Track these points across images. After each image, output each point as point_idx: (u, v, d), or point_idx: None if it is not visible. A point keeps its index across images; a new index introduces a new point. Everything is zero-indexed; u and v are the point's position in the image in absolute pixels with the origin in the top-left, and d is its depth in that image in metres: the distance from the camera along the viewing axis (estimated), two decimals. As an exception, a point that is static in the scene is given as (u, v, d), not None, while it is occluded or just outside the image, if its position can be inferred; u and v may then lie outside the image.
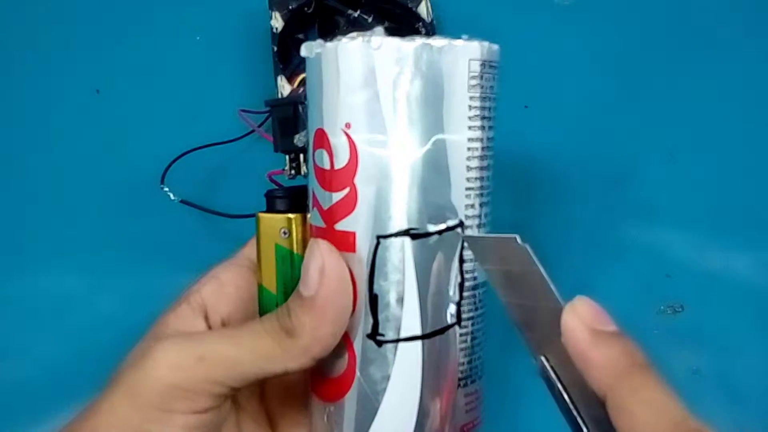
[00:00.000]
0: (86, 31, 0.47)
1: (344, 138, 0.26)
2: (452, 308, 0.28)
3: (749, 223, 0.44)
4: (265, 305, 0.31)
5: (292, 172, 0.33)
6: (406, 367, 0.27)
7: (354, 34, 0.26)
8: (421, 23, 0.46)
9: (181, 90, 0.46)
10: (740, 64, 0.46)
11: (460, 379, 0.29)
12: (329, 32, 0.45)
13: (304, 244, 0.30)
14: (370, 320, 0.27)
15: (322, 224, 0.28)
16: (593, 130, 0.45)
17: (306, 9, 0.45)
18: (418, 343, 0.27)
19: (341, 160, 0.27)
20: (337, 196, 0.27)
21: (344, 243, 0.27)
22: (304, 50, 0.28)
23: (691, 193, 0.44)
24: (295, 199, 0.31)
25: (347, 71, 0.26)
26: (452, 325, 0.28)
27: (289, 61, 0.44)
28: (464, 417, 0.29)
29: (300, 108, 0.31)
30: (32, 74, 0.46)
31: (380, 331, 0.27)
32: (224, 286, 0.31)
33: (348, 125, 0.26)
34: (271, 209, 0.31)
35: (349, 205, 0.27)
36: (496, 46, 0.27)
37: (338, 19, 0.46)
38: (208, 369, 0.27)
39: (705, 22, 0.47)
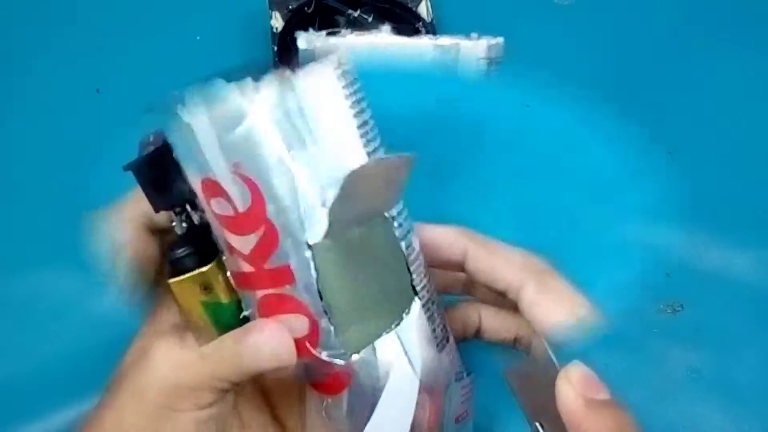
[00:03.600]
0: (87, 31, 0.47)
1: (238, 179, 0.25)
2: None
3: (749, 223, 0.44)
4: None
5: (184, 225, 0.29)
6: (392, 361, 0.27)
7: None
8: (421, 23, 0.46)
9: (182, 89, 0.46)
10: (740, 64, 0.46)
11: (442, 338, 0.29)
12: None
13: (229, 286, 0.28)
14: (332, 333, 0.26)
15: (249, 269, 0.26)
16: (594, 129, 0.46)
17: (306, 9, 0.45)
18: (393, 334, 0.27)
19: (244, 202, 0.25)
20: (254, 238, 0.25)
21: (281, 279, 0.26)
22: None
23: (691, 192, 0.44)
24: (200, 247, 0.28)
25: (211, 124, 0.24)
26: (412, 301, 0.27)
27: (289, 61, 0.44)
28: (459, 407, 0.29)
29: (166, 159, 0.27)
30: (32, 73, 0.46)
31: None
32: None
33: (237, 165, 0.24)
34: (179, 271, 0.28)
35: (271, 241, 0.25)
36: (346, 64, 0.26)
37: (338, 18, 0.46)
38: (211, 366, 0.26)
39: (705, 22, 0.47)
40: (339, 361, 0.26)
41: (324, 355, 0.26)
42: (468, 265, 0.30)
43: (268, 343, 0.26)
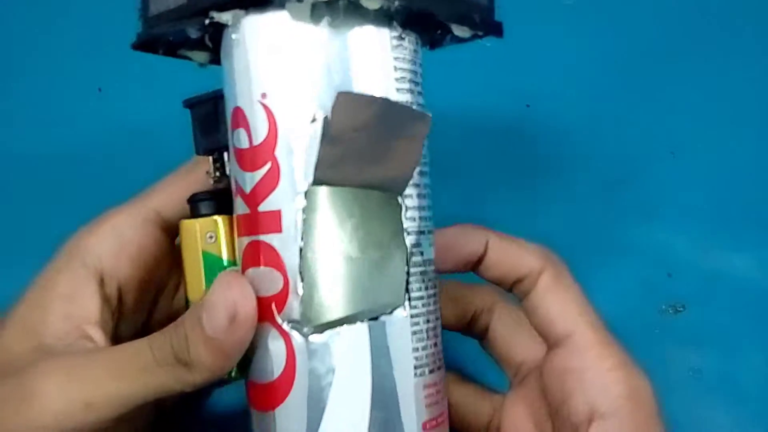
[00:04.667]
0: (88, 30, 0.47)
1: (261, 109, 0.25)
2: None
3: (751, 223, 0.43)
4: None
5: (217, 174, 0.29)
6: (352, 355, 0.25)
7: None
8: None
9: (183, 89, 0.46)
10: (743, 63, 0.46)
11: (415, 367, 0.26)
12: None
13: (232, 247, 0.28)
14: (300, 299, 0.24)
15: (246, 210, 0.26)
16: (595, 129, 0.45)
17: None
18: (364, 326, 0.25)
19: (260, 134, 0.25)
20: (258, 175, 0.25)
21: (269, 224, 0.25)
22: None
23: (693, 192, 0.44)
24: (220, 201, 0.29)
25: (256, 43, 0.25)
26: (402, 305, 0.25)
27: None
28: (425, 412, 0.26)
29: (218, 103, 0.28)
30: (34, 72, 0.46)
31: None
32: (126, 246, 0.29)
33: (264, 95, 0.25)
34: (195, 214, 0.29)
35: (271, 181, 0.25)
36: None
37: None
38: (97, 413, 0.25)
39: (707, 21, 0.47)
40: (298, 337, 0.25)
41: (285, 326, 0.25)
42: (489, 252, 0.30)
43: (228, 296, 0.24)
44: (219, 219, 0.28)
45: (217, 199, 0.29)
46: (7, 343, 0.28)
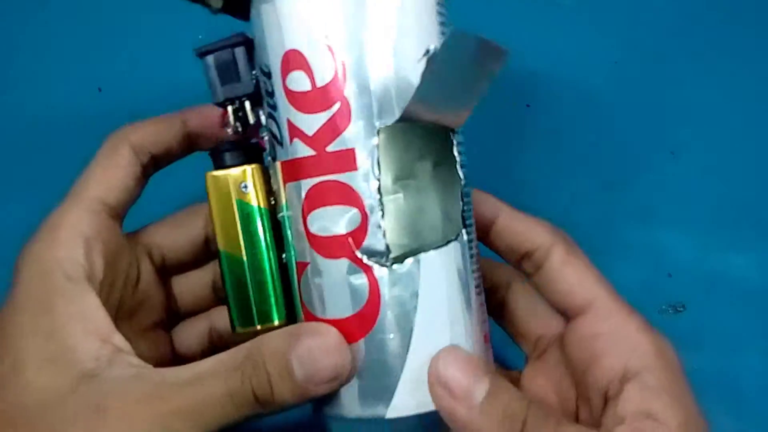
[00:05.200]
0: (88, 29, 0.47)
1: (326, 51, 0.25)
2: (458, 212, 0.27)
3: (751, 223, 0.43)
4: (232, 273, 0.29)
5: (238, 125, 0.29)
6: (433, 278, 0.26)
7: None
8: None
9: (184, 88, 0.46)
10: (742, 64, 0.46)
11: (476, 286, 0.28)
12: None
13: (266, 195, 0.28)
14: (382, 231, 0.25)
15: (309, 153, 0.26)
16: (595, 129, 0.45)
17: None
18: (439, 251, 0.26)
19: (325, 76, 0.25)
20: (325, 116, 0.25)
21: (341, 164, 0.25)
22: None
23: (693, 192, 0.44)
24: (247, 149, 0.29)
25: None
26: (461, 231, 0.27)
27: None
28: (485, 326, 0.29)
29: (236, 51, 0.28)
30: (34, 72, 0.46)
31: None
32: (93, 245, 0.28)
33: (328, 37, 0.25)
34: (221, 165, 0.29)
35: (342, 120, 0.25)
36: None
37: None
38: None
39: (707, 22, 0.47)
40: (379, 265, 0.26)
41: (366, 260, 0.26)
42: (499, 223, 0.31)
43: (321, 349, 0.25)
44: (252, 168, 0.28)
45: (243, 147, 0.29)
46: (36, 382, 0.25)
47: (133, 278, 0.31)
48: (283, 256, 0.29)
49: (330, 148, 0.25)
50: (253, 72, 0.28)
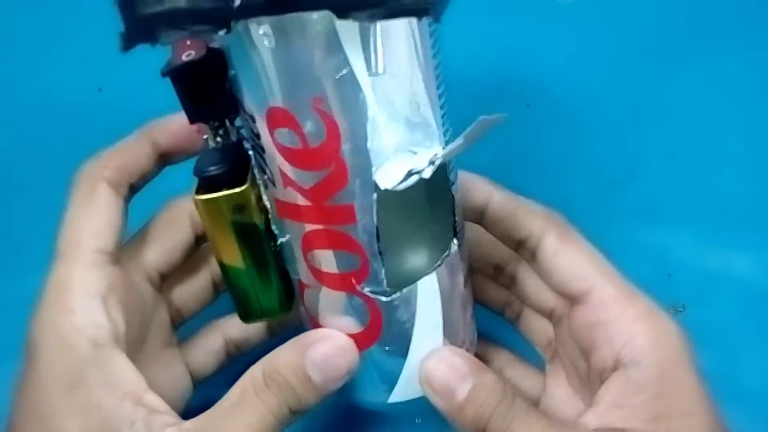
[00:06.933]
0: (88, 29, 0.47)
1: (316, 114, 0.23)
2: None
3: (751, 223, 0.43)
4: (234, 279, 0.29)
5: (218, 140, 0.27)
6: (428, 297, 0.27)
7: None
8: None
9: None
10: (742, 64, 0.46)
11: (464, 278, 0.29)
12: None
13: (259, 207, 0.27)
14: (383, 273, 0.26)
15: (305, 203, 0.25)
16: (595, 129, 0.45)
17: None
18: (433, 273, 0.27)
19: (317, 137, 0.23)
20: (321, 174, 0.24)
21: (342, 217, 0.25)
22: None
23: (693, 192, 0.44)
24: (235, 166, 0.27)
25: (307, 44, 0.22)
26: (452, 243, 0.28)
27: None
28: (470, 306, 0.30)
29: (208, 67, 0.25)
30: (34, 72, 0.46)
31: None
32: (109, 301, 0.27)
33: (319, 101, 0.23)
34: (211, 188, 0.27)
35: (339, 179, 0.24)
36: None
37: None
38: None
39: (707, 21, 0.47)
40: (382, 298, 0.26)
41: (367, 291, 0.26)
42: (490, 211, 0.30)
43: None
44: (244, 190, 0.27)
45: (229, 164, 0.27)
46: None
47: (141, 308, 0.31)
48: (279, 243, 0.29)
49: (328, 203, 0.25)
50: (230, 88, 0.26)
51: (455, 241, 0.28)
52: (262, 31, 0.22)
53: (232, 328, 0.34)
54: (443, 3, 0.21)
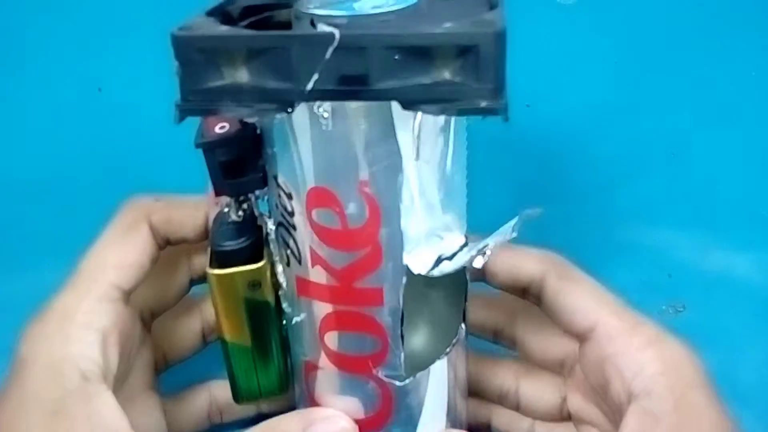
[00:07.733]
0: (88, 29, 0.47)
1: (361, 197, 0.23)
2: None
3: (751, 223, 0.43)
4: (236, 357, 0.28)
5: (241, 213, 0.26)
6: (438, 383, 0.27)
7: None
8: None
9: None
10: (742, 64, 0.46)
11: (466, 357, 0.29)
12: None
13: (273, 286, 0.27)
14: (402, 357, 0.26)
15: (332, 283, 0.25)
16: (595, 129, 0.45)
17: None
18: (444, 359, 0.27)
19: (358, 219, 0.23)
20: (355, 256, 0.24)
21: (369, 299, 0.25)
22: None
23: (693, 192, 0.44)
24: (252, 244, 0.26)
25: (363, 129, 0.22)
26: (461, 327, 0.28)
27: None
28: (466, 383, 0.30)
29: (243, 144, 0.24)
30: (34, 72, 0.46)
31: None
32: (110, 341, 0.27)
33: (365, 183, 0.23)
34: (226, 263, 0.26)
35: (373, 262, 0.24)
36: None
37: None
38: None
39: (707, 22, 0.47)
40: (396, 382, 0.26)
41: (382, 374, 0.26)
42: (490, 266, 0.30)
43: None
44: (261, 266, 0.26)
45: (248, 239, 0.26)
46: None
47: (130, 345, 0.30)
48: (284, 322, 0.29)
49: (358, 285, 0.24)
50: (261, 164, 0.26)
51: (463, 325, 0.28)
52: (322, 113, 0.22)
53: (221, 390, 0.33)
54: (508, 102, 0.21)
